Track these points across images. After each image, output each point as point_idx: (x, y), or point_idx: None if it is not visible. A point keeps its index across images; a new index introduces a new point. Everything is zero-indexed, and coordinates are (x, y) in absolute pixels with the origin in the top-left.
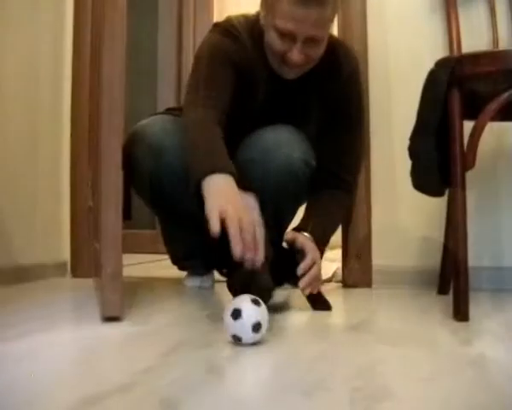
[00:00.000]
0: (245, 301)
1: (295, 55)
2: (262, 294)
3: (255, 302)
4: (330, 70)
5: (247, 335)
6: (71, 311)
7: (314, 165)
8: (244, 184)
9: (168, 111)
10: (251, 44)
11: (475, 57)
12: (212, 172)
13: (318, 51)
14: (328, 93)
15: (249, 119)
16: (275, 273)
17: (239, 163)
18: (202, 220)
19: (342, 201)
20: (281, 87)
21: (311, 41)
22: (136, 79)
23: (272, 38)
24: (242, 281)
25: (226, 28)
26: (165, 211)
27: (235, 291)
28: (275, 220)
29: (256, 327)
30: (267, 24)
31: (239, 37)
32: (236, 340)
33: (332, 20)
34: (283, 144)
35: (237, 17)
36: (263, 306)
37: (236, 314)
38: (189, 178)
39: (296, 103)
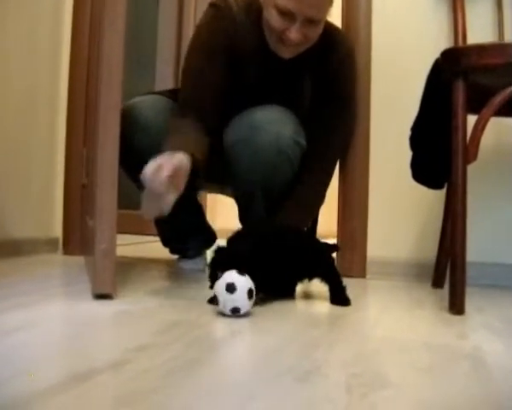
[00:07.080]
0: (233, 274)
1: (293, 33)
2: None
3: (241, 273)
4: (324, 52)
5: (244, 303)
6: (62, 286)
7: (304, 144)
8: (232, 161)
9: (161, 92)
10: (246, 22)
11: (482, 49)
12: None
13: (316, 32)
14: (321, 74)
15: (242, 95)
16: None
17: (228, 142)
18: (189, 200)
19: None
20: (275, 65)
21: (309, 21)
22: (136, 57)
23: (272, 16)
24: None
25: (220, 8)
26: None
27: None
28: (265, 200)
29: (250, 294)
30: (267, 1)
31: (232, 15)
32: (235, 312)
33: (331, 3)
34: (272, 123)
35: None
36: (247, 275)
37: (231, 288)
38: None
39: (289, 83)
